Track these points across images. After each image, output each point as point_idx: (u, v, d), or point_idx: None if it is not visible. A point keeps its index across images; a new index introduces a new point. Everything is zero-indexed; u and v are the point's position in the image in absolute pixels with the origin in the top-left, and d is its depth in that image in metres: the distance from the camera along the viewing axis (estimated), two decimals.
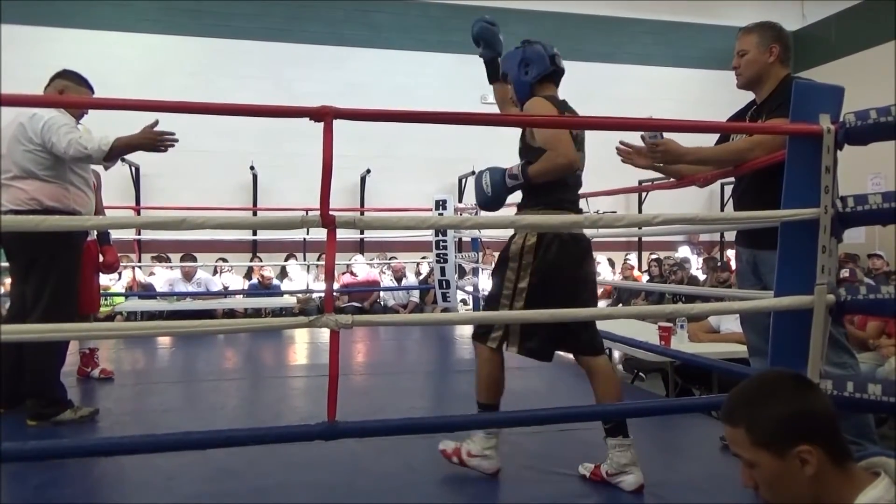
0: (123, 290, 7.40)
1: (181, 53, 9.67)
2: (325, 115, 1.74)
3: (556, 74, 2.48)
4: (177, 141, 2.76)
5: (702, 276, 8.18)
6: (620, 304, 8.08)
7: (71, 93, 3.11)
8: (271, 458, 2.51)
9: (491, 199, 2.38)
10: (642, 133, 2.40)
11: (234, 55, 9.85)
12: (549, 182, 2.31)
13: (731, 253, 9.26)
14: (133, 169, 8.94)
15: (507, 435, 2.81)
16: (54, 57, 8.90)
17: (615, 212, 9.07)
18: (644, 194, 10.64)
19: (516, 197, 2.45)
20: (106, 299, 6.21)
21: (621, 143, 2.50)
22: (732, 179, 2.71)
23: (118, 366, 4.13)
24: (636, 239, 10.46)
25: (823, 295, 1.99)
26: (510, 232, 2.33)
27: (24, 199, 2.93)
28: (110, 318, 6.61)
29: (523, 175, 2.31)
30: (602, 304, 8.74)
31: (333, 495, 2.27)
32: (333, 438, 1.78)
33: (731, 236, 9.68)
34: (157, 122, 2.75)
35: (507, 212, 2.37)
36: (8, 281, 6.65)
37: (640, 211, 10.47)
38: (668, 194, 4.02)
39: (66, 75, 3.20)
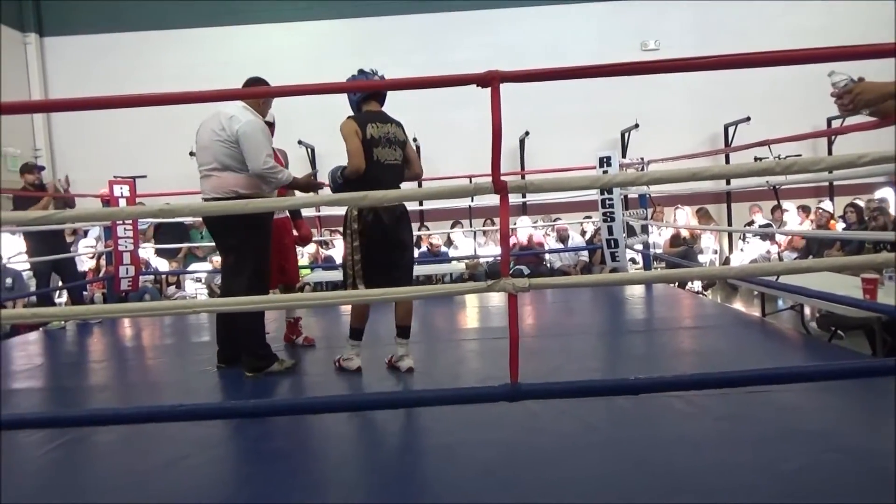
0: (308, 263, 8.05)
1: (341, 37, 10.16)
2: (491, 80, 1.74)
3: (377, 95, 3.46)
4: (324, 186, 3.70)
5: None
6: (811, 256, 7.37)
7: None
8: (454, 417, 2.61)
9: (334, 190, 3.33)
10: (830, 75, 2.11)
11: (388, 32, 10.16)
12: (362, 177, 3.21)
13: None
14: (309, 150, 9.61)
15: (692, 397, 2.71)
16: (229, 53, 9.84)
17: (800, 155, 8.20)
18: (834, 137, 9.52)
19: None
20: None
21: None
22: None
23: (310, 331, 4.51)
24: (826, 184, 9.42)
25: None
26: (693, 185, 2.21)
27: (225, 188, 3.36)
28: (300, 288, 7.23)
29: (342, 175, 3.31)
30: (789, 255, 8.01)
31: (515, 454, 2.32)
32: (517, 400, 1.81)
33: None
34: (316, 172, 3.66)
35: (687, 163, 2.23)
36: (216, 259, 7.52)
37: (829, 152, 9.40)
38: (861, 134, 3.53)
39: (260, 82, 3.52)
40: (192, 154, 9.43)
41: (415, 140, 9.71)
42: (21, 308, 6.65)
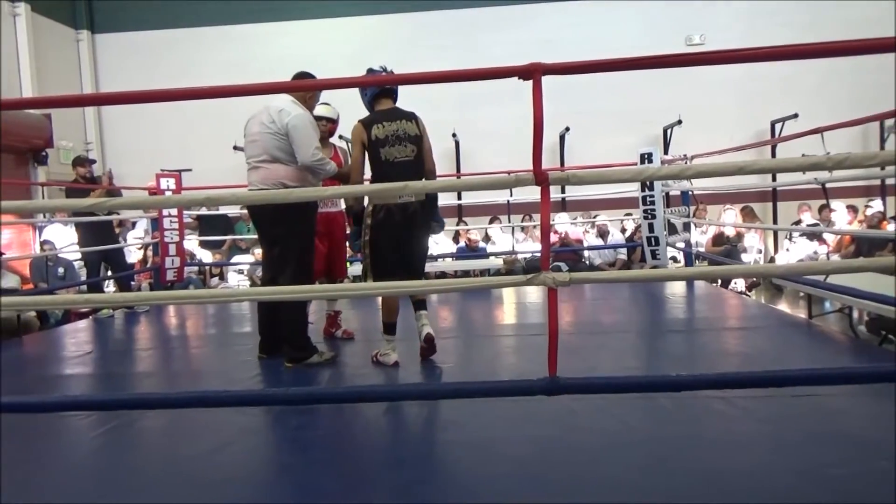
0: (349, 256, 8.13)
1: (383, 32, 10.22)
2: (533, 73, 1.73)
3: (388, 92, 3.46)
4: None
5: None
6: (861, 258, 7.13)
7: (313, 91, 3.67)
8: (491, 412, 2.62)
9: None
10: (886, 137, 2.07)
11: (429, 27, 10.18)
12: (374, 178, 3.40)
13: None
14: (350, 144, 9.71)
15: (734, 398, 2.66)
16: (276, 49, 9.99)
17: (850, 152, 7.91)
18: (888, 134, 9.17)
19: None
20: None
21: None
22: None
23: (349, 325, 4.55)
24: (878, 183, 9.09)
25: None
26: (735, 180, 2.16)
27: (273, 180, 3.43)
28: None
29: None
30: (835, 257, 7.77)
31: (552, 450, 2.31)
32: (555, 394, 1.80)
33: None
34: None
35: (733, 157, 2.18)
36: (259, 251, 7.65)
37: (881, 148, 9.06)
38: None
39: (307, 76, 3.58)
40: (235, 148, 9.58)
41: (454, 136, 9.74)
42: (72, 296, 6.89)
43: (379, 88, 3.43)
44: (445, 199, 9.50)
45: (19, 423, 2.68)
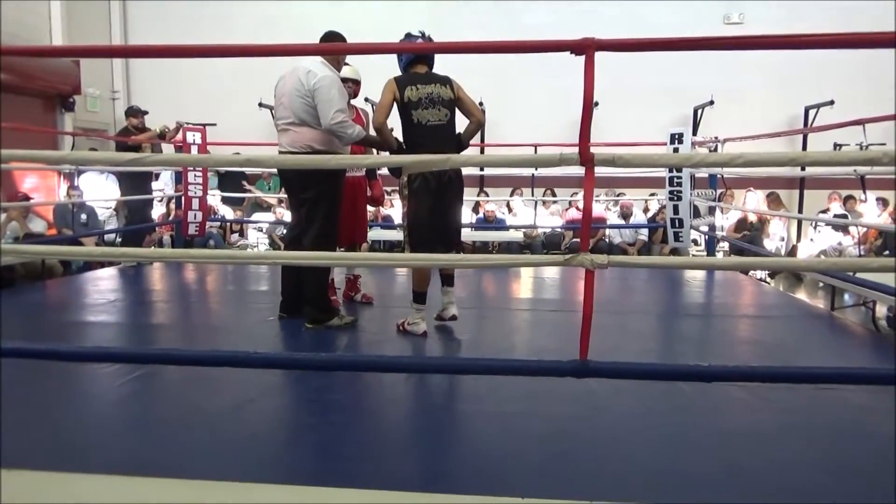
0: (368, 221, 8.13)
1: None
2: (587, 48, 1.68)
3: (424, 58, 3.42)
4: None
5: None
6: (887, 252, 7.04)
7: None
8: (511, 388, 2.62)
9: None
10: None
11: None
12: (405, 140, 3.42)
13: None
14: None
15: (753, 387, 2.64)
16: (307, 7, 9.84)
17: (884, 144, 7.74)
18: None
19: None
20: None
21: None
22: None
23: (368, 289, 4.56)
24: None
25: None
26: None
27: (300, 143, 3.41)
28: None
29: (364, 141, 3.50)
30: (854, 251, 7.65)
31: (574, 428, 2.31)
32: (585, 377, 1.79)
33: None
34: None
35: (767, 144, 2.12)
36: (280, 210, 7.63)
37: None
38: None
39: (337, 36, 3.52)
40: (261, 105, 9.50)
41: (480, 104, 9.59)
42: (92, 245, 6.96)
43: (414, 55, 3.38)
44: (468, 170, 9.43)
45: (44, 367, 2.74)
